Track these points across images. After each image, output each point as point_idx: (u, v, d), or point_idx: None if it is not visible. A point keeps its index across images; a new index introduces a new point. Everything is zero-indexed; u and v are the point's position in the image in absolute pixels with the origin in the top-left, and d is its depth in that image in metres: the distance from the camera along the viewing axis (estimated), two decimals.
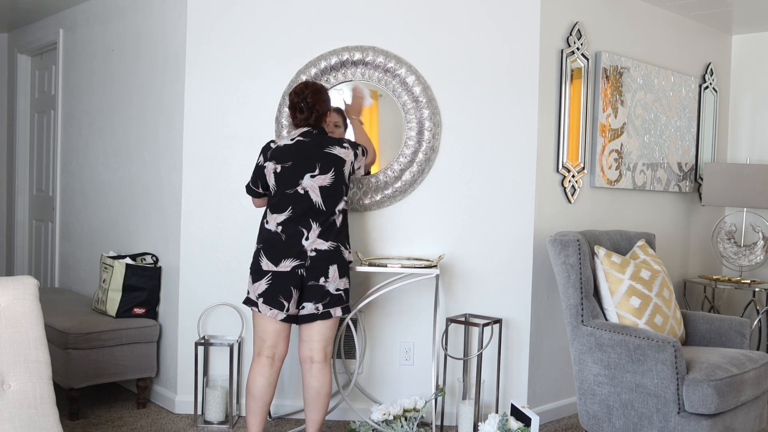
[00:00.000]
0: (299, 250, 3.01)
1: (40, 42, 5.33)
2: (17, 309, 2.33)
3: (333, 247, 3.04)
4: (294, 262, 3.01)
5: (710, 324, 3.54)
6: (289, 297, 3.01)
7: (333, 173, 3.07)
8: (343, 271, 3.07)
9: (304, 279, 3.03)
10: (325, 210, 3.05)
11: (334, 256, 3.05)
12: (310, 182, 3.04)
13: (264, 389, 3.07)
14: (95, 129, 4.60)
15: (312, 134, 3.12)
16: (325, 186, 3.05)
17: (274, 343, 3.08)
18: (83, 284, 4.70)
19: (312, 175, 3.04)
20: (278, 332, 3.07)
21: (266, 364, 3.07)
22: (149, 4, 4.07)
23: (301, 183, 3.04)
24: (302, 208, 3.02)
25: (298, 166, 3.05)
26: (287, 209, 3.03)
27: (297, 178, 3.04)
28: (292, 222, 3.03)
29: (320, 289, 3.02)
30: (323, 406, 3.10)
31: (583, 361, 3.24)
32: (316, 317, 3.03)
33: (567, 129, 3.88)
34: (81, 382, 3.60)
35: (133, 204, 4.20)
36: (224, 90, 3.72)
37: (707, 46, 4.94)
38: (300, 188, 3.03)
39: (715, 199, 4.73)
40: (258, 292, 3.04)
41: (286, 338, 3.11)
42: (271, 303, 3.01)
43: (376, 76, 3.64)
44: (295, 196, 3.03)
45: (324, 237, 3.04)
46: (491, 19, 3.71)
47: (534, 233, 3.73)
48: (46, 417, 2.29)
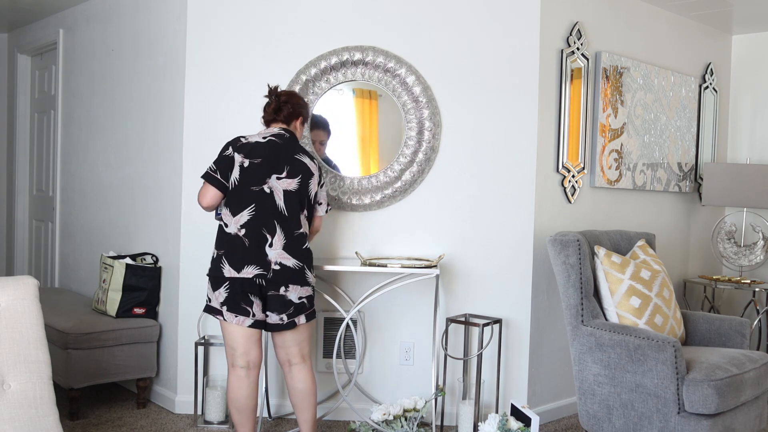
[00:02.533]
0: (263, 259, 2.87)
1: (40, 42, 5.33)
2: (17, 309, 2.33)
3: (298, 267, 2.92)
4: (256, 270, 2.87)
5: (710, 324, 3.54)
6: (250, 304, 2.90)
7: (299, 180, 2.96)
8: (305, 284, 2.95)
9: (263, 289, 2.91)
10: (287, 216, 2.92)
11: (297, 276, 2.92)
12: (276, 183, 2.92)
13: (246, 401, 2.97)
14: (95, 129, 4.60)
15: (284, 137, 3.02)
16: (289, 191, 2.94)
17: (246, 350, 2.95)
18: (83, 284, 4.70)
19: (278, 177, 2.93)
20: (248, 337, 2.94)
21: (242, 375, 2.96)
22: (149, 4, 4.07)
23: (267, 182, 2.92)
24: (265, 208, 2.90)
25: (267, 164, 2.92)
26: (248, 207, 2.90)
27: (264, 176, 2.92)
28: (255, 225, 2.89)
29: (281, 298, 2.92)
30: (311, 405, 3.05)
31: (583, 361, 3.24)
32: (281, 327, 2.95)
33: (567, 129, 3.88)
34: (81, 382, 3.60)
35: (133, 204, 4.20)
36: (224, 90, 3.72)
37: (707, 46, 4.94)
38: (266, 187, 2.91)
39: (715, 199, 4.73)
40: (220, 300, 2.91)
41: (257, 342, 2.99)
42: (235, 310, 2.90)
43: (376, 76, 3.64)
44: (260, 194, 2.90)
45: (291, 251, 2.91)
46: (491, 19, 3.71)
47: (534, 233, 3.73)
48: (46, 417, 2.29)
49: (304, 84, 3.63)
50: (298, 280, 2.92)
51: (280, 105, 3.09)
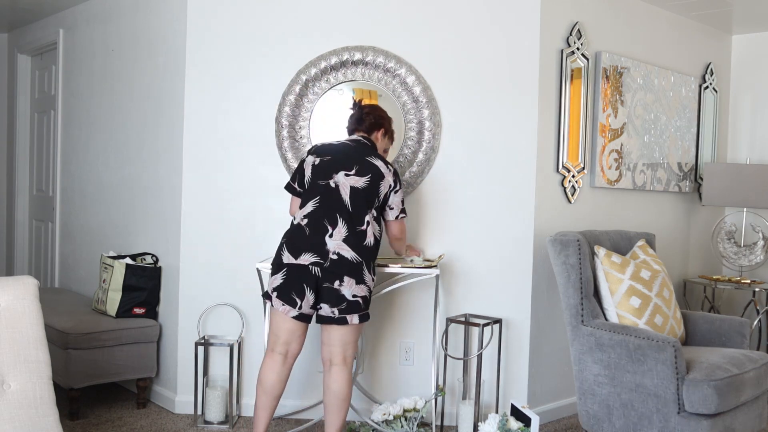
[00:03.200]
0: (321, 248, 2.91)
1: (40, 42, 5.33)
2: (17, 309, 2.33)
3: (357, 260, 2.93)
4: (313, 257, 2.91)
5: (710, 324, 3.54)
6: (302, 294, 2.92)
7: (368, 179, 2.99)
8: (360, 281, 2.95)
9: (319, 280, 2.93)
10: (352, 212, 2.95)
11: (355, 270, 2.93)
12: (343, 179, 2.98)
13: (275, 385, 3.02)
14: (95, 129, 4.60)
15: (359, 142, 3.12)
16: (356, 188, 2.97)
17: (287, 340, 3.01)
18: (83, 284, 4.70)
19: (347, 174, 2.98)
20: (292, 330, 3.00)
21: (278, 361, 3.02)
22: (149, 4, 4.07)
23: (334, 177, 2.98)
24: (330, 201, 2.95)
25: (336, 162, 3.01)
26: (314, 199, 2.97)
27: (331, 172, 2.99)
28: (318, 215, 2.95)
29: (335, 292, 2.92)
30: (341, 409, 3.03)
31: (583, 361, 3.24)
32: (332, 320, 2.94)
33: (567, 129, 3.88)
34: (81, 382, 3.60)
35: (133, 204, 4.20)
36: (224, 90, 3.72)
37: (707, 46, 4.94)
38: (332, 181, 2.98)
39: (715, 199, 4.73)
40: (273, 285, 2.97)
41: (300, 337, 3.04)
42: (283, 298, 2.94)
43: (376, 76, 3.64)
44: (326, 187, 2.98)
45: (351, 244, 2.93)
46: (491, 19, 3.71)
47: (534, 233, 3.73)
48: (46, 417, 2.29)
49: (304, 84, 3.63)
50: (354, 275, 2.92)
51: (362, 115, 3.19)
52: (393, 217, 3.13)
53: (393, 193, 3.08)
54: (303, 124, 3.66)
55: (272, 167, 3.70)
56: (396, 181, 3.09)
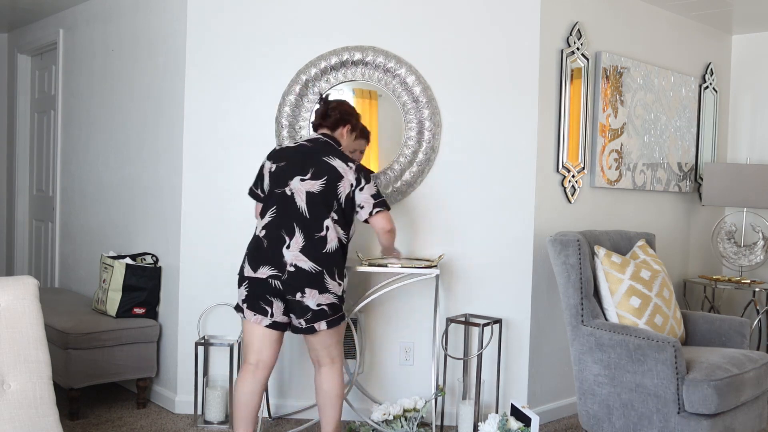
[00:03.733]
0: (279, 260, 2.84)
1: (40, 42, 5.33)
2: (17, 309, 2.33)
3: (315, 270, 2.83)
4: (270, 270, 2.85)
5: (710, 324, 3.54)
6: (269, 304, 2.88)
7: (324, 182, 2.88)
8: (324, 291, 2.86)
9: (281, 292, 2.87)
10: (308, 218, 2.86)
11: (315, 279, 2.84)
12: (298, 185, 2.89)
13: (247, 396, 2.96)
14: (95, 129, 4.60)
15: (318, 141, 3.01)
16: (312, 192, 2.88)
17: (259, 349, 2.95)
18: (83, 284, 4.70)
19: (302, 179, 2.90)
20: (263, 338, 2.94)
21: (250, 371, 2.96)
22: (149, 4, 4.07)
23: (289, 184, 2.90)
24: (286, 210, 2.88)
25: (290, 167, 2.93)
26: (271, 209, 2.91)
27: (287, 179, 2.91)
28: (275, 226, 2.88)
29: (299, 304, 2.86)
30: (335, 406, 3.03)
31: (583, 361, 3.24)
32: (301, 330, 2.92)
33: (567, 129, 3.88)
34: (81, 382, 3.60)
35: (133, 204, 4.20)
36: (224, 90, 3.72)
37: (707, 46, 4.94)
38: (288, 189, 2.90)
39: (715, 199, 4.73)
40: (241, 297, 2.94)
41: (272, 344, 2.97)
42: (254, 309, 2.90)
43: (376, 76, 3.64)
44: (282, 196, 2.90)
45: (308, 254, 2.84)
46: (491, 19, 3.71)
47: (534, 233, 3.73)
48: (46, 417, 2.29)
49: (304, 84, 3.63)
50: (315, 285, 2.84)
51: (327, 110, 3.09)
52: (367, 213, 2.96)
53: (358, 191, 2.93)
54: (303, 124, 3.66)
55: None
56: (360, 177, 2.93)
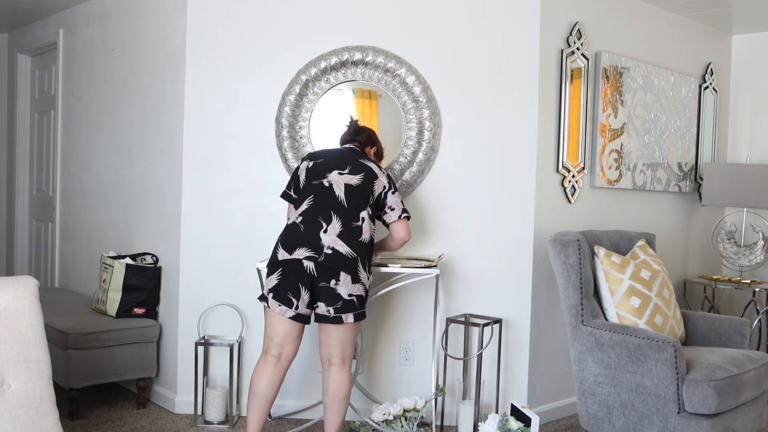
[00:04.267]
0: (316, 243, 2.91)
1: (40, 42, 5.33)
2: (17, 309, 2.33)
3: (352, 255, 2.92)
4: (307, 252, 2.90)
5: (710, 324, 3.54)
6: (297, 294, 2.90)
7: (362, 177, 3.02)
8: (356, 280, 2.94)
9: (314, 279, 2.91)
10: (347, 207, 2.97)
11: (350, 265, 2.92)
12: (337, 177, 3.01)
13: (266, 387, 2.99)
14: (95, 129, 4.60)
15: (352, 149, 3.17)
16: (350, 185, 3.00)
17: (282, 342, 2.99)
18: (83, 284, 4.70)
19: (340, 172, 3.02)
20: (287, 332, 2.98)
21: (271, 362, 3.00)
22: (149, 4, 4.07)
23: (327, 176, 3.02)
24: (324, 198, 2.97)
25: (329, 163, 3.06)
26: (308, 198, 3.00)
27: (325, 171, 3.03)
28: (312, 213, 2.96)
29: (331, 291, 2.90)
30: (340, 409, 3.02)
31: (583, 361, 3.24)
32: (327, 319, 2.93)
33: (567, 129, 3.88)
34: (81, 382, 3.60)
35: (133, 204, 4.20)
36: (224, 90, 3.72)
37: (707, 46, 4.94)
38: (326, 180, 3.01)
39: (715, 199, 4.73)
40: (269, 286, 2.95)
41: (295, 339, 3.02)
42: (280, 299, 2.92)
43: (376, 76, 3.64)
44: (320, 187, 3.00)
45: (345, 239, 2.93)
46: (491, 19, 3.71)
47: (534, 233, 3.73)
48: (46, 417, 2.29)
49: (304, 84, 3.63)
50: (350, 270, 2.91)
51: (359, 129, 3.29)
52: (396, 216, 3.12)
53: (390, 193, 3.11)
54: (303, 124, 3.66)
55: (272, 167, 3.70)
56: (390, 183, 3.12)
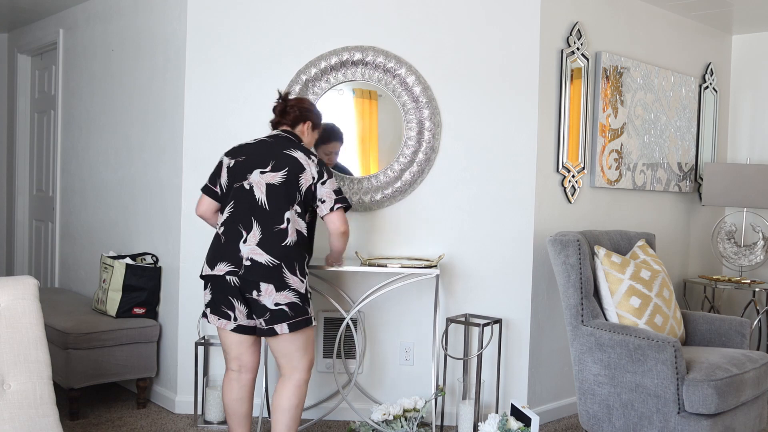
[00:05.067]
0: (235, 255, 2.74)
1: (40, 42, 5.33)
2: (17, 309, 2.33)
3: (273, 263, 2.71)
4: (227, 266, 2.74)
5: (710, 324, 3.54)
6: (231, 307, 2.78)
7: (285, 173, 2.79)
8: (282, 287, 2.72)
9: (240, 290, 2.75)
10: (268, 210, 2.76)
11: (271, 274, 2.71)
12: (257, 178, 2.80)
13: (236, 404, 2.92)
14: (95, 129, 4.60)
15: (278, 136, 2.94)
16: (272, 184, 2.78)
17: (237, 354, 2.89)
18: (83, 284, 4.70)
19: (262, 171, 2.80)
20: (238, 342, 2.87)
21: (233, 377, 2.91)
22: (149, 4, 4.07)
23: (248, 177, 2.81)
24: (244, 204, 2.79)
25: (250, 161, 2.84)
26: (229, 205, 2.82)
27: (246, 172, 2.82)
28: (232, 221, 2.79)
29: (256, 302, 2.74)
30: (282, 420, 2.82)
31: (583, 361, 3.24)
32: (262, 332, 2.79)
33: (567, 129, 3.88)
34: (81, 382, 3.60)
35: (133, 204, 4.20)
36: (224, 90, 3.72)
37: (707, 46, 4.94)
38: (246, 183, 2.81)
39: (715, 199, 4.73)
40: (205, 301, 2.86)
41: (251, 348, 2.91)
42: (217, 313, 2.82)
43: (376, 76, 3.64)
44: (240, 190, 2.81)
45: (265, 247, 2.72)
46: (491, 19, 3.71)
47: (534, 233, 3.73)
48: (46, 417, 2.29)
49: (304, 84, 3.63)
50: (272, 280, 2.71)
51: (286, 108, 3.01)
52: (328, 209, 2.87)
53: (320, 185, 2.84)
54: None
55: None
56: (322, 171, 2.85)
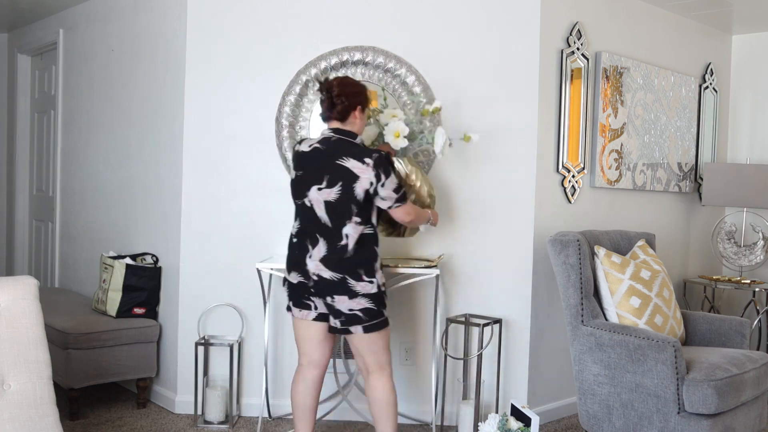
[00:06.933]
0: (303, 268, 2.85)
1: (40, 42, 5.33)
2: (17, 309, 2.33)
3: (336, 278, 2.79)
4: (299, 277, 2.88)
5: (710, 324, 3.54)
6: (310, 299, 2.89)
7: (339, 188, 2.78)
8: (354, 295, 2.80)
9: (315, 294, 2.87)
10: (330, 227, 2.81)
11: (339, 288, 2.80)
12: (315, 195, 2.83)
13: (301, 397, 2.99)
14: (95, 129, 4.60)
15: (329, 141, 2.85)
16: (330, 201, 2.80)
17: (309, 350, 2.97)
18: (83, 284, 4.70)
19: (319, 188, 2.82)
20: (312, 337, 2.95)
21: (303, 372, 2.99)
22: (149, 4, 4.07)
23: (308, 195, 2.85)
24: (308, 220, 2.86)
25: (307, 177, 2.86)
26: (298, 219, 2.91)
27: (304, 190, 2.86)
28: (302, 234, 2.88)
29: (331, 307, 2.84)
30: (390, 416, 2.90)
31: (583, 361, 3.24)
32: (337, 330, 2.88)
33: (567, 129, 3.88)
34: (81, 382, 3.60)
35: (133, 204, 4.20)
36: (224, 90, 3.72)
37: (707, 46, 4.94)
38: (306, 200, 2.85)
39: (715, 199, 4.73)
40: (288, 295, 2.97)
41: (321, 343, 2.97)
42: (299, 305, 2.92)
43: (376, 76, 3.64)
44: (303, 208, 2.88)
45: (328, 263, 2.80)
46: (491, 19, 3.71)
47: (534, 233, 3.73)
48: (46, 417, 2.29)
49: (304, 84, 3.63)
50: (342, 292, 2.80)
51: (333, 101, 2.87)
52: (386, 207, 2.88)
53: (380, 187, 2.80)
54: (303, 124, 3.66)
55: (272, 167, 3.70)
56: (379, 174, 2.78)
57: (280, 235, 3.64)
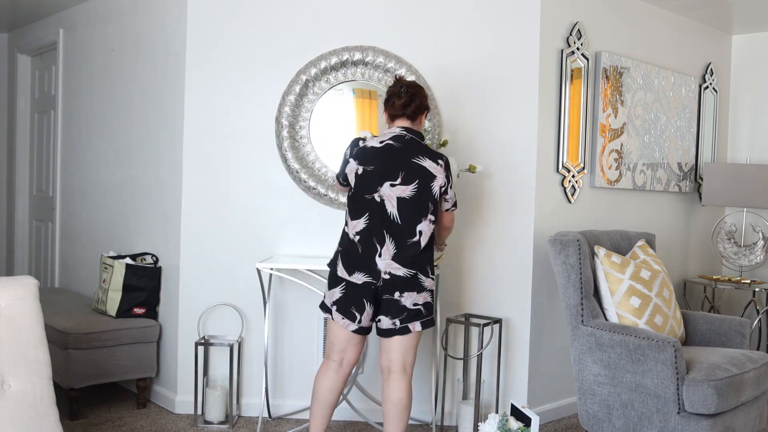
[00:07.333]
0: (372, 268, 2.83)
1: (40, 42, 5.33)
2: (17, 309, 2.33)
3: (410, 274, 2.83)
4: (365, 277, 2.84)
5: (710, 324, 3.54)
6: (361, 309, 2.85)
7: (416, 186, 2.82)
8: (421, 290, 2.86)
9: (378, 292, 2.85)
10: (400, 224, 2.81)
11: (411, 284, 2.84)
12: (388, 191, 2.82)
13: (327, 393, 2.96)
14: (95, 129, 4.60)
15: (404, 139, 2.87)
16: (403, 198, 2.81)
17: (343, 348, 2.95)
18: (83, 284, 4.70)
19: (392, 184, 2.81)
20: (349, 339, 2.93)
21: (332, 368, 2.96)
22: (149, 4, 4.07)
23: (379, 190, 2.82)
24: (377, 217, 2.82)
25: (380, 172, 2.83)
26: (363, 216, 2.85)
27: (376, 185, 2.83)
28: (368, 233, 2.84)
29: (396, 303, 2.84)
30: (402, 418, 2.91)
31: (583, 361, 3.24)
32: (394, 332, 2.87)
33: (567, 129, 3.88)
34: (81, 382, 3.60)
35: (133, 204, 4.20)
36: (224, 90, 3.72)
37: (707, 46, 4.94)
38: (377, 195, 2.82)
39: (715, 199, 4.73)
40: (333, 299, 2.90)
41: (357, 345, 2.97)
42: (343, 312, 2.88)
43: (377, 76, 3.64)
44: (371, 203, 2.83)
45: (400, 260, 2.82)
46: (491, 19, 3.71)
47: (534, 233, 3.73)
48: (46, 417, 2.29)
49: (304, 84, 3.63)
50: (413, 287, 2.84)
51: (409, 99, 2.91)
52: (445, 209, 2.98)
53: (449, 188, 2.93)
54: (303, 124, 3.66)
55: (272, 167, 3.70)
56: (448, 177, 2.91)
57: (280, 235, 3.65)
